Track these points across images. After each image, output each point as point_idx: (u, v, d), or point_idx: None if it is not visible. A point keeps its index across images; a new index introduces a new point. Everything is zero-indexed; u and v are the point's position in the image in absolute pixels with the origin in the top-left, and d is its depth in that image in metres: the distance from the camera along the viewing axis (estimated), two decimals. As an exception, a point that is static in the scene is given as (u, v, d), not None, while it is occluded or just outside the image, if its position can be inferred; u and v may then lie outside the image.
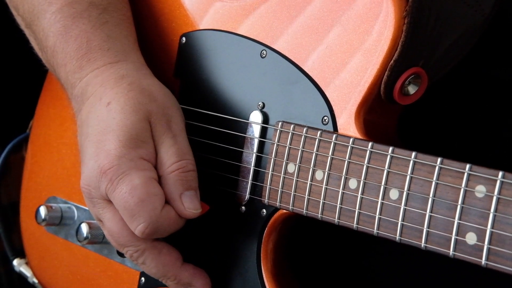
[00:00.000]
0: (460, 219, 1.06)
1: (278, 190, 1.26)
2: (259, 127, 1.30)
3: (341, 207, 1.18)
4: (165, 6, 1.45)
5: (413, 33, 1.17)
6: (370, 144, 1.15)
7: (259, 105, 1.31)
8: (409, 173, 1.11)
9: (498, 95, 1.31)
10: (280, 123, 1.26)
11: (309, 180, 1.22)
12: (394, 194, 1.13)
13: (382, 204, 1.14)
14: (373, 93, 1.20)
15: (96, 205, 1.30)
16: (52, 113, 1.64)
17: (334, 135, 1.19)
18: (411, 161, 1.11)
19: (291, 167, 1.24)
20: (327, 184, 1.20)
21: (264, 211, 1.29)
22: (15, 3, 1.48)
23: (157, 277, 1.33)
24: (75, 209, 1.55)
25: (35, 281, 1.66)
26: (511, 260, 1.01)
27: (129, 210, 1.25)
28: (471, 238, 1.05)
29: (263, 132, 1.29)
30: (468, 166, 1.05)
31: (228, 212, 1.33)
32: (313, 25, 1.26)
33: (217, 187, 1.35)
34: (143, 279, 1.43)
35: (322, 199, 1.20)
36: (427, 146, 1.30)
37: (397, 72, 1.18)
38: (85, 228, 1.44)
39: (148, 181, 1.26)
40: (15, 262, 1.69)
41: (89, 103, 1.34)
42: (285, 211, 1.26)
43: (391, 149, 1.13)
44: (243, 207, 1.32)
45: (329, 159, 1.20)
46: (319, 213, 1.21)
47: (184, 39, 1.42)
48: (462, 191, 1.06)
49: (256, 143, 1.30)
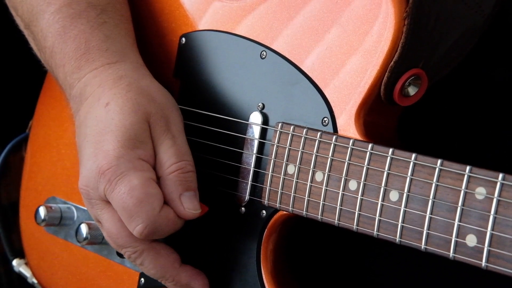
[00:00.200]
0: (460, 221, 1.05)
1: (278, 191, 1.25)
2: (259, 128, 1.29)
3: (341, 208, 1.18)
4: (165, 6, 1.45)
5: (413, 34, 1.16)
6: (370, 145, 1.15)
7: (259, 106, 1.30)
8: (409, 174, 1.11)
9: (498, 96, 1.31)
10: (280, 124, 1.26)
11: (309, 181, 1.21)
12: (394, 195, 1.12)
13: (382, 205, 1.13)
14: (373, 94, 1.19)
15: (94, 206, 1.30)
16: (51, 113, 1.64)
17: (334, 137, 1.19)
18: (411, 163, 1.10)
19: (291, 168, 1.24)
20: (327, 185, 1.19)
21: (264, 212, 1.29)
22: (14, 4, 1.48)
23: (156, 278, 1.33)
24: (74, 209, 1.55)
25: (35, 281, 1.66)
26: (511, 262, 1.01)
27: (127, 210, 1.25)
28: (471, 240, 1.04)
29: (263, 133, 1.29)
30: (468, 168, 1.05)
31: (227, 213, 1.33)
32: (313, 26, 1.26)
33: (216, 188, 1.35)
34: (142, 280, 1.43)
35: (322, 200, 1.20)
36: (427, 147, 1.30)
37: (397, 73, 1.18)
38: (84, 228, 1.43)
39: (146, 182, 1.25)
40: (15, 262, 1.69)
41: (88, 103, 1.33)
42: (285, 212, 1.26)
43: (391, 150, 1.13)
44: (243, 208, 1.31)
45: (329, 160, 1.19)
46: (319, 215, 1.20)
47: (183, 39, 1.41)
48: (462, 193, 1.05)
49: (256, 144, 1.30)
